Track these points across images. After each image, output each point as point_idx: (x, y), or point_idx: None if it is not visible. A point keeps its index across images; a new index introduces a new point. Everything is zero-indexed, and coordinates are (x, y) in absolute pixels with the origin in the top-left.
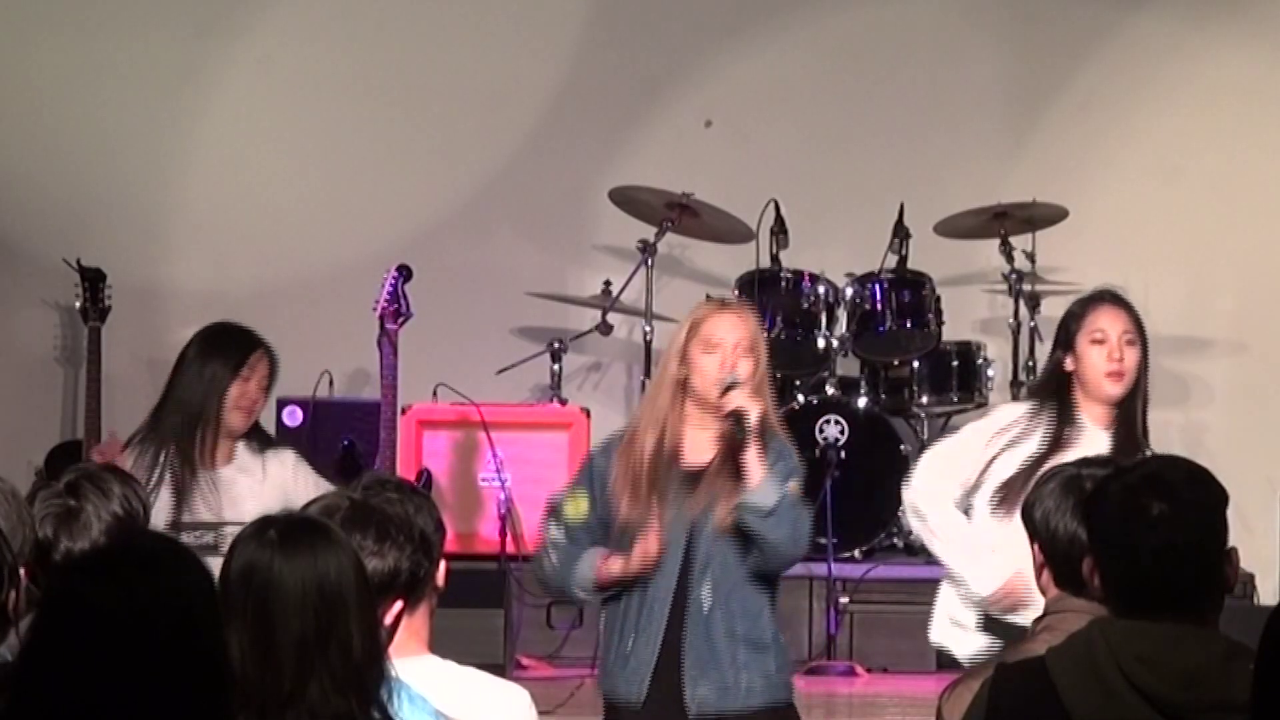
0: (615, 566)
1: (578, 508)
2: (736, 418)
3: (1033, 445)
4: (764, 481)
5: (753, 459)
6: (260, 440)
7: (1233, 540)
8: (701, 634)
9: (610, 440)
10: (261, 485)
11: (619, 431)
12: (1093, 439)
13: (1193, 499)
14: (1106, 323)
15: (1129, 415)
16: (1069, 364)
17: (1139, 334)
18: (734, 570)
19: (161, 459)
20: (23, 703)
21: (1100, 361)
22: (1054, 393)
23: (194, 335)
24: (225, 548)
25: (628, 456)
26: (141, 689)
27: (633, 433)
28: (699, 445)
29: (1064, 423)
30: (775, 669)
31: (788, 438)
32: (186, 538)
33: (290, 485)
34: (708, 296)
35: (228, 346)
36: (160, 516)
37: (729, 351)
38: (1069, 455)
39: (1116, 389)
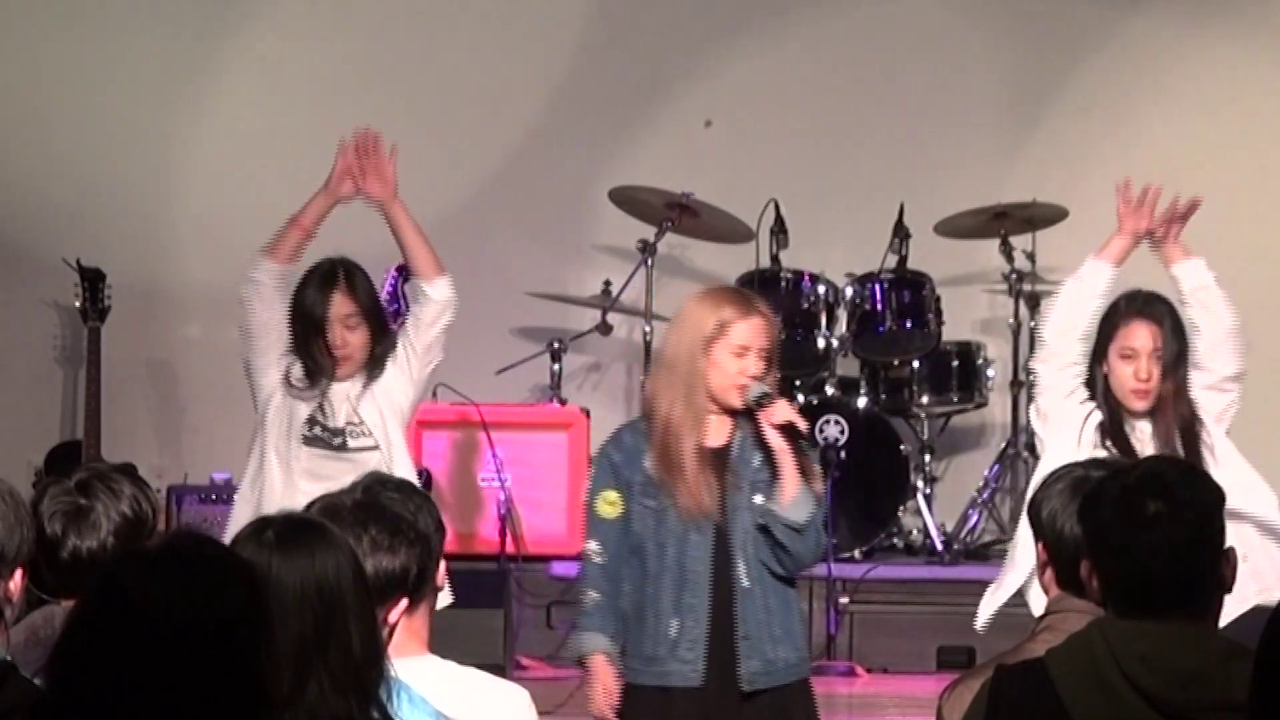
0: (596, 689)
1: (614, 507)
2: (795, 433)
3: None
4: (798, 496)
5: (791, 471)
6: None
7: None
8: (747, 610)
9: (622, 435)
10: (373, 384)
11: (628, 425)
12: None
13: (1189, 498)
14: (1139, 340)
15: (1167, 417)
16: (1104, 369)
17: (1175, 340)
18: (764, 550)
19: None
20: (58, 688)
21: (1128, 379)
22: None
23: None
24: (352, 444)
25: (668, 454)
26: (173, 692)
27: (666, 428)
28: (713, 428)
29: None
30: (802, 644)
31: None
32: (319, 434)
33: (398, 354)
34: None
35: (303, 294)
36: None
37: (754, 358)
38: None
39: (1142, 405)
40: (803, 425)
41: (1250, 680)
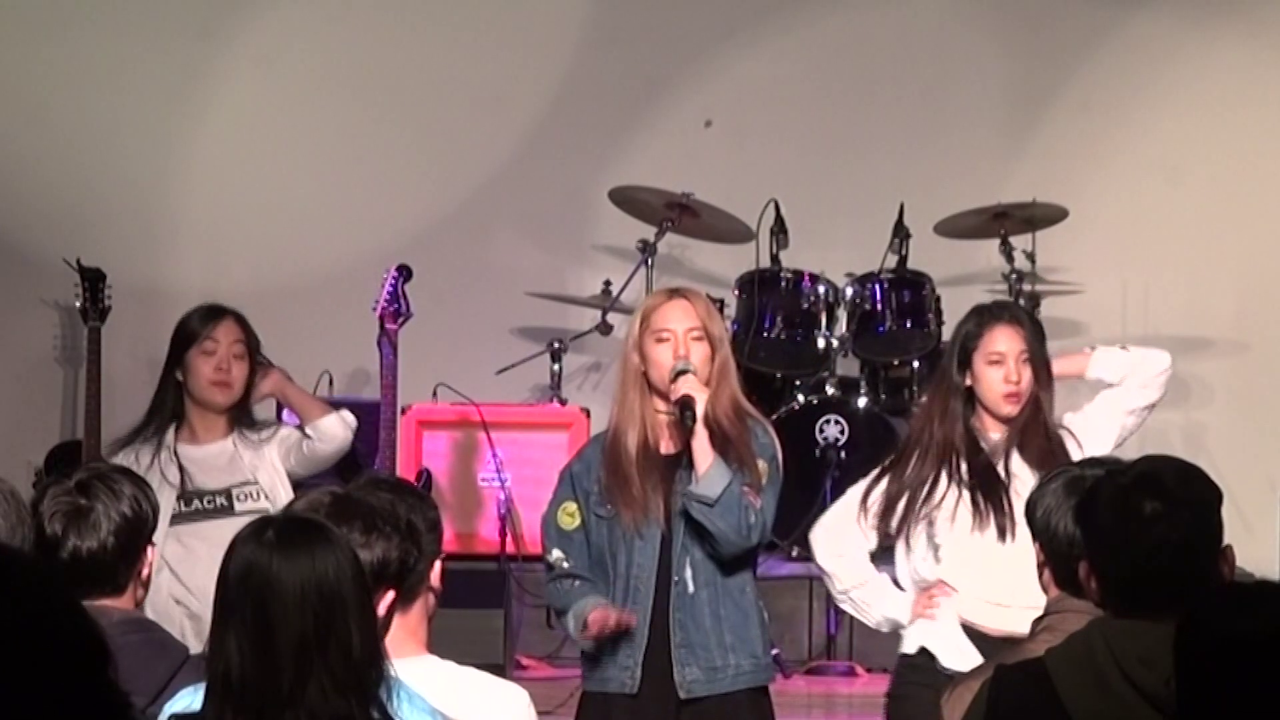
0: (594, 629)
1: (572, 518)
2: (683, 405)
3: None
4: (710, 471)
5: (701, 447)
6: (254, 422)
7: (1233, 540)
8: (688, 616)
9: (585, 448)
10: (260, 447)
11: (594, 437)
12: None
13: (1185, 496)
14: (1004, 344)
15: (1028, 428)
16: (966, 380)
17: (1038, 344)
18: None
19: (157, 441)
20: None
21: (998, 383)
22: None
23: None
24: (240, 507)
25: (614, 459)
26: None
27: (614, 435)
28: (670, 434)
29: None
30: (762, 650)
31: (762, 415)
32: (196, 505)
33: (286, 438)
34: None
35: (189, 320)
36: (165, 493)
37: (680, 340)
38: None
39: (1012, 408)
40: (701, 399)
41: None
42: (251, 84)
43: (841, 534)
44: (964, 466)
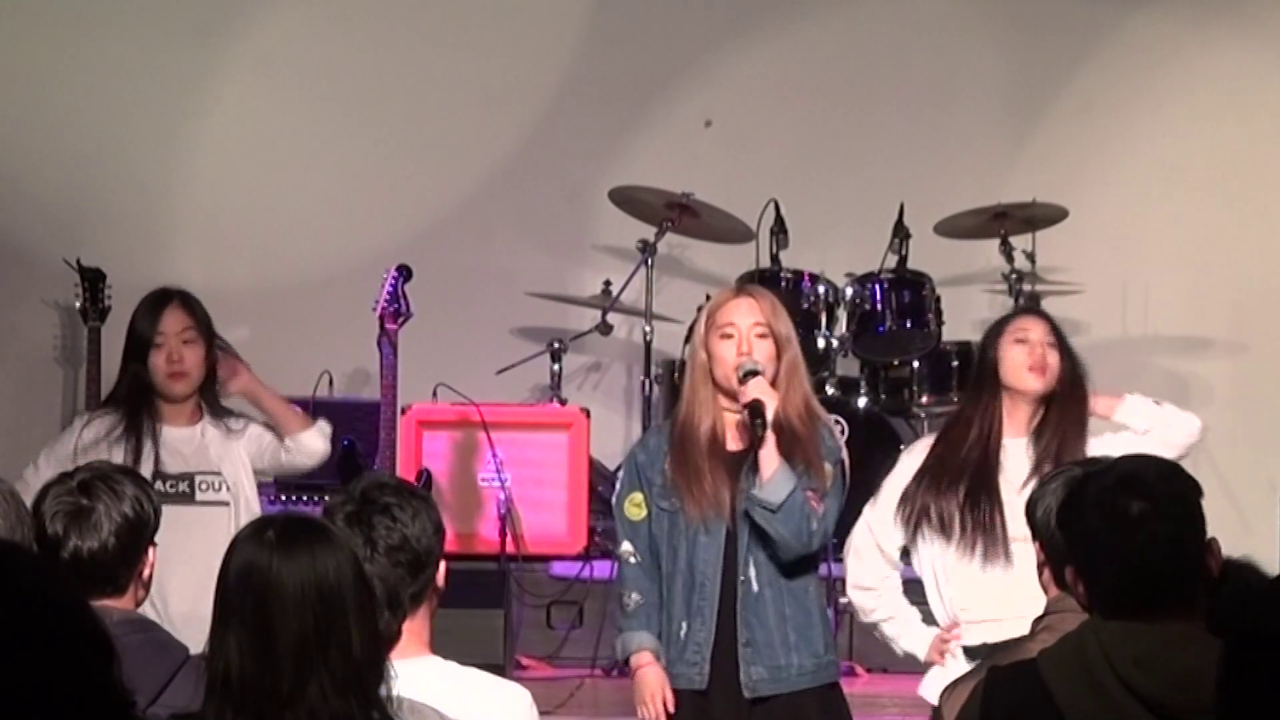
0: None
1: (640, 509)
2: (754, 410)
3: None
4: (775, 476)
5: (768, 452)
6: (220, 410)
7: (1233, 540)
8: (754, 615)
9: (648, 437)
10: (229, 439)
11: (656, 426)
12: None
13: (1169, 493)
14: (1032, 329)
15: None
16: (993, 358)
17: (1061, 341)
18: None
19: (120, 422)
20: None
21: (1021, 357)
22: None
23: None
24: (200, 496)
25: (684, 452)
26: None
27: (684, 427)
28: (737, 433)
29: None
30: (823, 649)
31: (826, 416)
32: (159, 486)
33: (260, 437)
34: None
35: (137, 317)
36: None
37: (744, 337)
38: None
39: (1038, 382)
40: (771, 403)
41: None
42: (252, 84)
43: (870, 563)
44: (985, 492)
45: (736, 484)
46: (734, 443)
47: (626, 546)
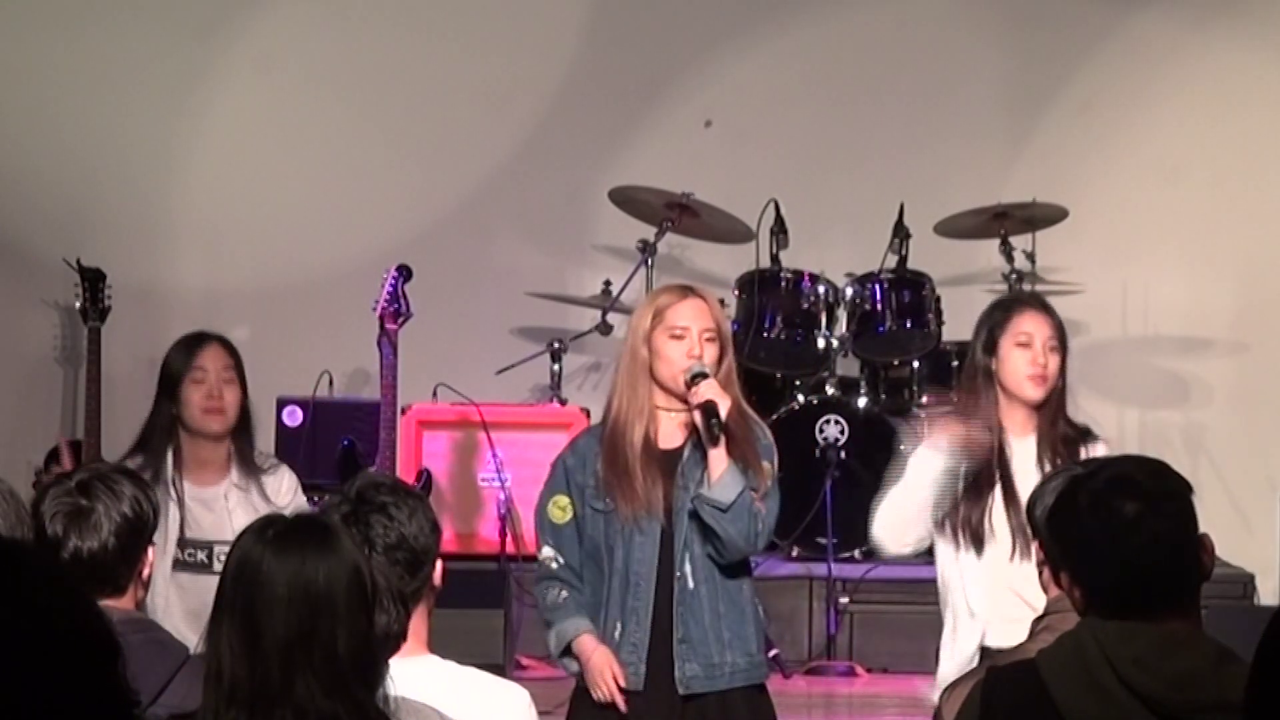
0: (585, 660)
1: (564, 512)
2: (709, 411)
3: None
4: (724, 477)
5: (719, 453)
6: (253, 458)
7: (1233, 540)
8: (689, 612)
9: (578, 439)
10: (256, 506)
11: (585, 430)
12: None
13: (1161, 492)
14: (1033, 327)
15: (1048, 421)
16: (992, 362)
17: (1061, 341)
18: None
19: (153, 472)
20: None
21: (1023, 365)
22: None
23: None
24: (218, 566)
25: (615, 452)
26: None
27: (614, 427)
28: (668, 429)
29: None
30: (755, 648)
31: (757, 417)
32: (178, 554)
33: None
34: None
35: (174, 353)
36: (167, 531)
37: (695, 339)
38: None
39: (1037, 392)
40: (724, 405)
41: (1248, 679)
42: (251, 84)
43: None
44: (991, 483)
45: (670, 481)
46: (667, 440)
47: (547, 551)
